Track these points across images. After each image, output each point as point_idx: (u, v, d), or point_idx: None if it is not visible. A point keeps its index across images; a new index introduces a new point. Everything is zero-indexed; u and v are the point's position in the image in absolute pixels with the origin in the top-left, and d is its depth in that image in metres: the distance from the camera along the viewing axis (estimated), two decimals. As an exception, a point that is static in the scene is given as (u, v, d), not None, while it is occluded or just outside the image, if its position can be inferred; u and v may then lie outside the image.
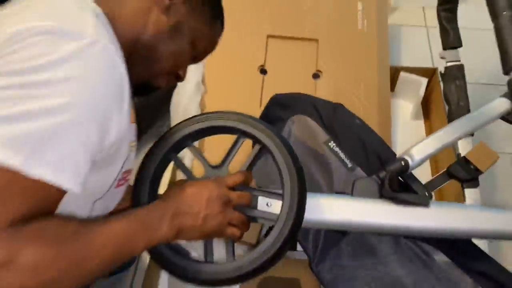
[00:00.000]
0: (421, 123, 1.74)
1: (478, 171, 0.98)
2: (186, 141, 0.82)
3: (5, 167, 0.50)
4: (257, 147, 0.79)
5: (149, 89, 0.79)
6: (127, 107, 0.63)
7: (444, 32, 1.37)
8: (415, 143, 0.90)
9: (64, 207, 0.59)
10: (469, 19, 2.01)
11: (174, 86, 1.55)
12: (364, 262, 0.94)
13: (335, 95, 1.50)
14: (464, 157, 0.98)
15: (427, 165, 1.67)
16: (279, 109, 1.06)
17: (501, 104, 0.96)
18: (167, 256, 0.75)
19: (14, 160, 0.50)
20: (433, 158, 1.66)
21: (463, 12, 1.58)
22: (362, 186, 0.88)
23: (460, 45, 1.35)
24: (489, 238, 0.99)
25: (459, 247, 0.88)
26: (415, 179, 0.90)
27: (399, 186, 0.88)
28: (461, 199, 1.10)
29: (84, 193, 0.59)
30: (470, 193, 1.09)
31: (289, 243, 0.74)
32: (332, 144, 0.97)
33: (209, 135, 0.84)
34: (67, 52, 0.54)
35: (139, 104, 0.86)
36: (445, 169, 0.99)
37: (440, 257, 0.90)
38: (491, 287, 0.86)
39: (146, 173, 0.79)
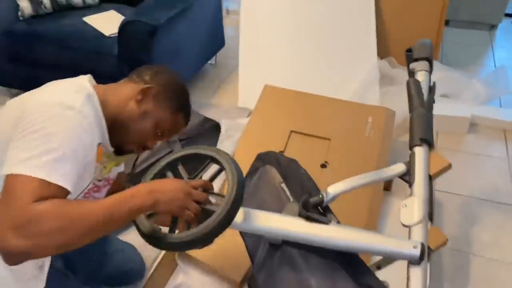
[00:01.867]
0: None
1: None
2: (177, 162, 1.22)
3: (36, 177, 0.89)
4: (217, 167, 1.18)
5: (123, 151, 1.19)
6: (91, 158, 1.05)
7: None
8: (331, 184, 1.22)
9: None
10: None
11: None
12: (287, 274, 1.23)
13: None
14: None
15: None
16: (258, 161, 1.47)
17: (399, 167, 1.24)
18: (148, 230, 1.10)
19: (39, 174, 0.89)
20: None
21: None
22: (288, 208, 1.22)
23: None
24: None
25: (352, 261, 1.14)
26: (329, 209, 1.21)
27: (319, 214, 1.20)
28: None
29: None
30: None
31: (223, 225, 1.05)
32: (283, 184, 1.34)
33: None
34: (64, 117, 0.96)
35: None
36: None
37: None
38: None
39: (148, 175, 1.19)
